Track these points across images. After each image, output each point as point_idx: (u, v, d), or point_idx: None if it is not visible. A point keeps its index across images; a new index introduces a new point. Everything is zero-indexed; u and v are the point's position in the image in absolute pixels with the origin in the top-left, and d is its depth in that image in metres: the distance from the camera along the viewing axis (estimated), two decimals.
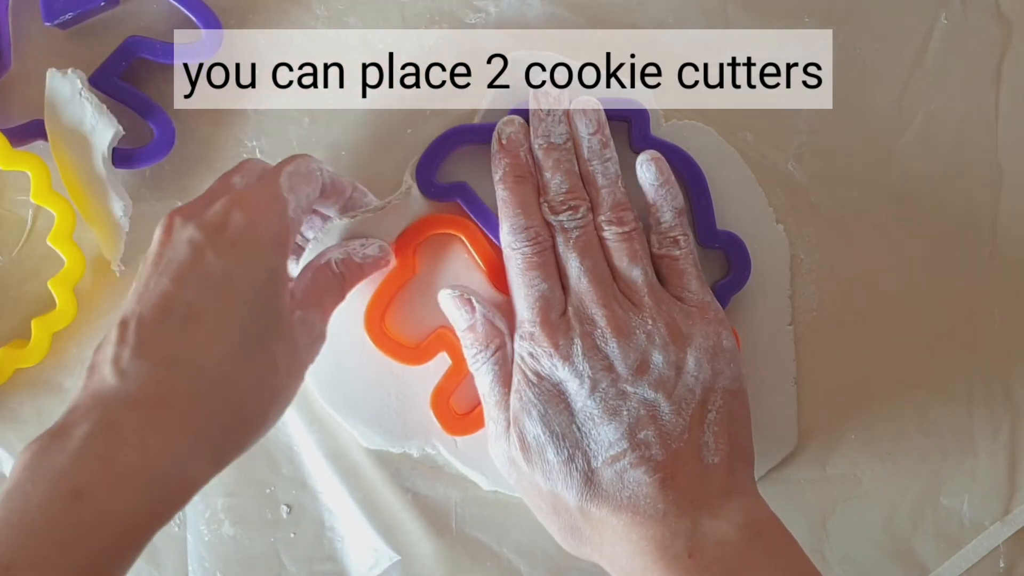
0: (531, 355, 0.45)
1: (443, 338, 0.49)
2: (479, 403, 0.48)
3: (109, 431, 0.36)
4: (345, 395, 0.50)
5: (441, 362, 0.49)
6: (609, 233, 0.47)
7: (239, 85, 0.51)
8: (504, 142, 0.48)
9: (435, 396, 0.49)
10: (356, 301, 0.48)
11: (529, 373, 0.45)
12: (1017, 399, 0.52)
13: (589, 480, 0.43)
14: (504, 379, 0.46)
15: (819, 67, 0.51)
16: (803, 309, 0.51)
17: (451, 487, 0.51)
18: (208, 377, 0.38)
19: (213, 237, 0.40)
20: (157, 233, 0.41)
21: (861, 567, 0.51)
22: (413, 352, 0.49)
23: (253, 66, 0.51)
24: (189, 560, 0.51)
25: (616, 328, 0.44)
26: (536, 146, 0.48)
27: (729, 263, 0.50)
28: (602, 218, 0.47)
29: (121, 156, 0.49)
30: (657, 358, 0.44)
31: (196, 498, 0.50)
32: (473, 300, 0.47)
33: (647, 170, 0.47)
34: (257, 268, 0.40)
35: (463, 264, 0.50)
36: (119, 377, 0.37)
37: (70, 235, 0.48)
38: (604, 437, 0.43)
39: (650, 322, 0.45)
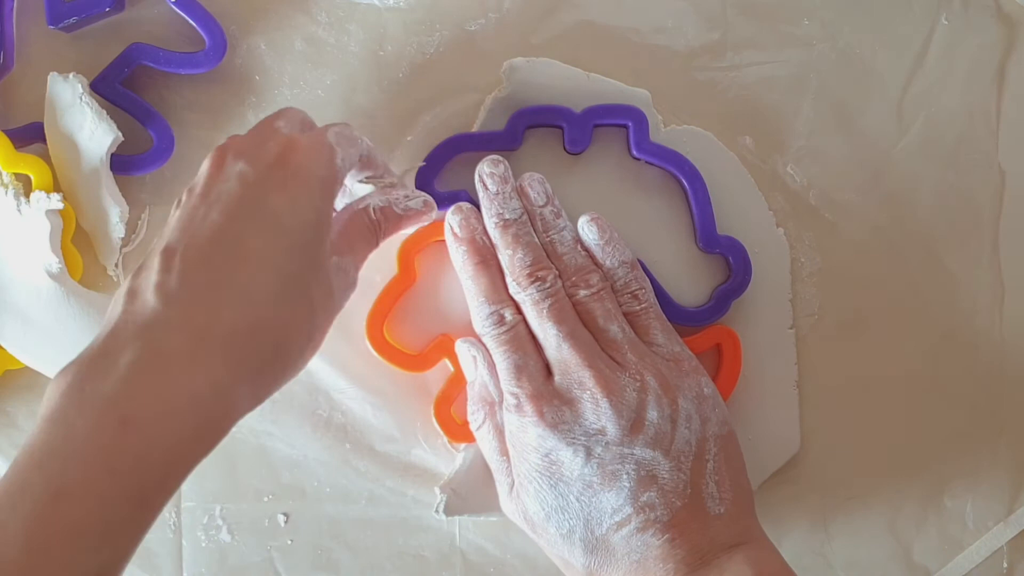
0: (520, 428, 0.44)
1: (444, 345, 0.49)
2: None
3: (156, 358, 0.36)
4: None
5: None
6: (579, 297, 0.46)
7: (240, 91, 0.51)
8: (458, 231, 0.47)
9: (438, 404, 0.49)
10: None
11: (521, 447, 0.44)
12: (1020, 400, 0.52)
13: (594, 548, 0.42)
14: (502, 445, 0.45)
15: (818, 70, 0.52)
16: (804, 312, 0.51)
17: None
18: (252, 311, 0.38)
19: (265, 175, 0.40)
20: (205, 166, 0.41)
21: (864, 569, 0.51)
22: (415, 360, 0.49)
23: (254, 72, 0.51)
24: (185, 566, 0.50)
25: (606, 388, 0.43)
26: (491, 226, 0.47)
27: (730, 268, 0.50)
28: (568, 283, 0.46)
29: (119, 162, 0.49)
30: (652, 414, 0.43)
31: (193, 504, 0.50)
32: (477, 359, 0.46)
33: (589, 231, 0.47)
34: (306, 210, 0.40)
35: None
36: (164, 303, 0.37)
37: (68, 240, 0.48)
38: (607, 504, 0.42)
39: (639, 378, 0.44)
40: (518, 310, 0.46)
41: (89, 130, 0.48)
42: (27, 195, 0.47)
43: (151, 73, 0.50)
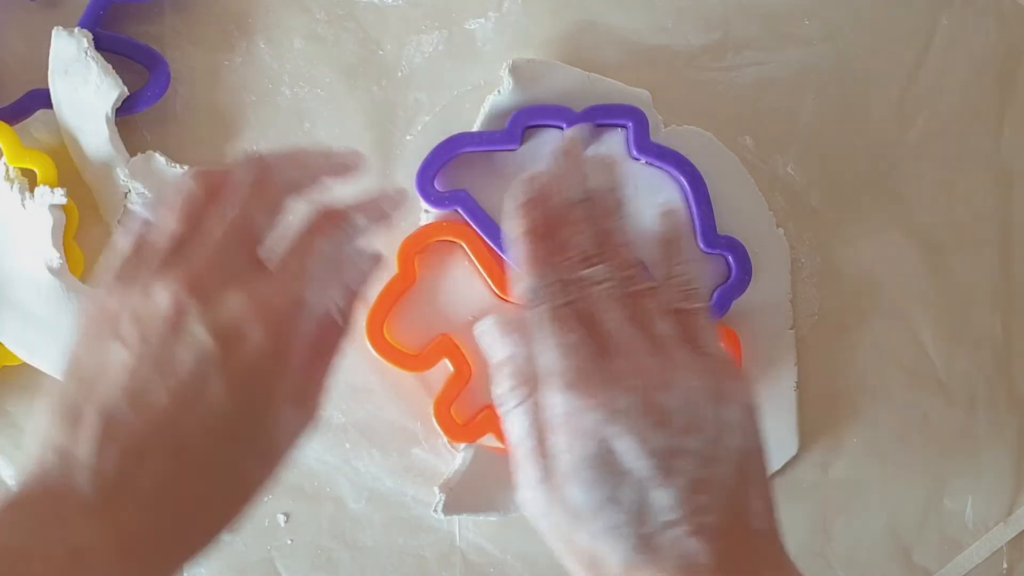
0: (574, 412, 0.40)
1: (444, 345, 0.49)
2: (480, 410, 0.47)
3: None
4: None
5: None
6: (635, 289, 0.43)
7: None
8: (525, 200, 0.44)
9: (437, 405, 0.48)
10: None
11: (572, 432, 0.40)
12: (1020, 401, 0.52)
13: (638, 547, 0.39)
14: (538, 428, 0.41)
15: (818, 70, 0.52)
16: (805, 313, 0.51)
17: None
18: (175, 496, 0.35)
19: (226, 356, 0.36)
20: (163, 301, 0.36)
21: (864, 569, 0.51)
22: (415, 360, 0.49)
23: (254, 71, 0.51)
24: (185, 566, 0.50)
25: (664, 383, 0.40)
26: (557, 203, 0.45)
27: (730, 268, 0.50)
28: (624, 275, 0.43)
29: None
30: (706, 414, 0.41)
31: None
32: (516, 335, 0.43)
33: (664, 222, 0.45)
34: (260, 399, 0.37)
35: (464, 271, 0.50)
36: (98, 494, 0.34)
37: (71, 237, 0.48)
38: (659, 502, 0.39)
39: (695, 379, 0.41)
40: (572, 290, 0.43)
41: (94, 85, 0.48)
42: (31, 190, 0.47)
43: (127, 13, 0.50)
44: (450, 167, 0.49)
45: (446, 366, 0.49)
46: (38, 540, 0.33)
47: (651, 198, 0.50)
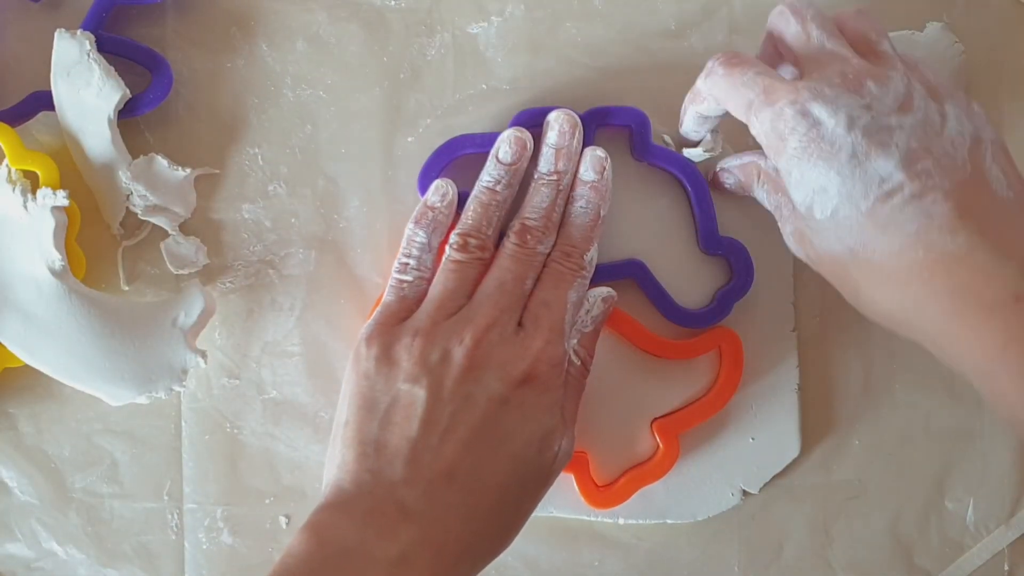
0: (777, 114, 0.40)
1: None
2: None
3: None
4: (75, 363, 0.47)
5: None
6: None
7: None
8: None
9: None
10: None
11: (779, 132, 0.40)
12: None
13: (859, 226, 0.39)
14: (773, 182, 0.46)
15: None
16: (807, 315, 0.51)
17: None
18: (473, 529, 0.42)
19: (512, 399, 0.43)
20: (456, 351, 0.43)
21: (865, 572, 0.51)
22: None
23: (255, 72, 0.51)
24: (186, 568, 0.50)
25: (872, 70, 0.40)
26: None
27: (732, 270, 0.50)
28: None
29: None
30: (919, 102, 0.40)
31: (195, 506, 0.50)
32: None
33: None
34: (542, 436, 0.43)
35: None
36: (406, 519, 0.40)
37: (73, 238, 0.48)
38: (874, 172, 0.39)
39: (907, 74, 0.41)
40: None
41: (97, 87, 0.48)
42: (33, 192, 0.47)
43: (129, 17, 0.50)
44: (452, 169, 0.49)
45: None
46: (367, 543, 0.39)
47: (653, 200, 0.50)
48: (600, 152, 0.47)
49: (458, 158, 0.49)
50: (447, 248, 0.46)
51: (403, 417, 0.42)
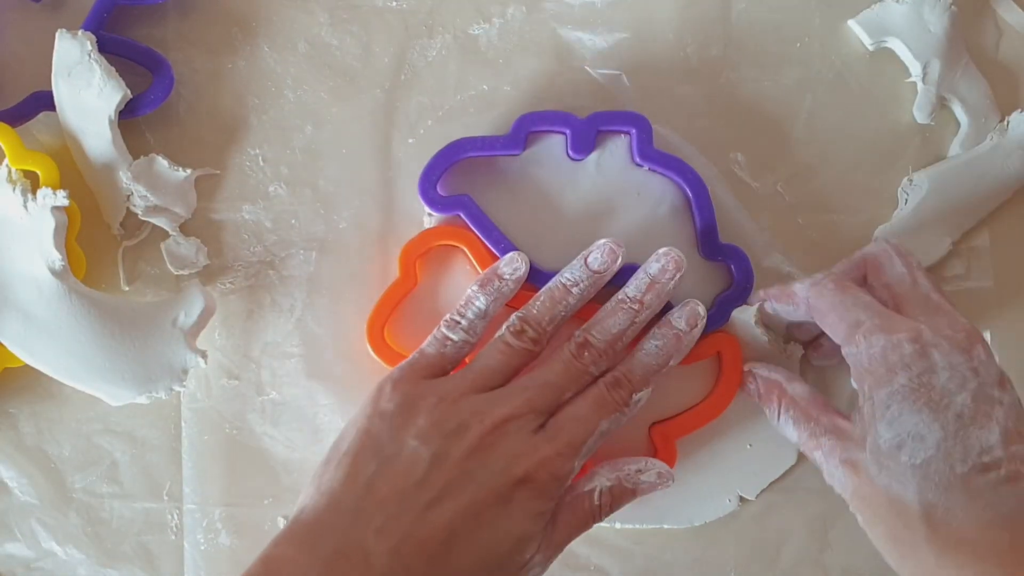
0: (890, 345, 0.41)
1: None
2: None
3: None
4: (75, 363, 0.47)
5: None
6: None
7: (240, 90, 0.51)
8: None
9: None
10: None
11: (888, 366, 0.41)
12: None
13: (949, 487, 0.39)
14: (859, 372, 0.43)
15: (814, 90, 0.51)
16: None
17: None
18: None
19: (504, 491, 0.41)
20: (473, 434, 0.42)
21: None
22: None
23: (256, 73, 0.51)
24: (185, 569, 0.51)
25: (972, 333, 0.41)
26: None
27: (732, 276, 0.50)
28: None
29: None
30: (1008, 380, 0.41)
31: (194, 507, 0.50)
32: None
33: None
34: (523, 531, 0.42)
35: (465, 275, 0.50)
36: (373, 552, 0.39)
37: (73, 238, 0.48)
38: (975, 441, 0.39)
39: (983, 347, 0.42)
40: None
41: (98, 87, 0.48)
42: (34, 192, 0.47)
43: (130, 18, 0.50)
44: (453, 171, 0.49)
45: None
46: None
47: (654, 206, 0.50)
48: (700, 309, 0.47)
49: (460, 160, 0.49)
50: (503, 326, 0.46)
51: (401, 471, 0.41)
